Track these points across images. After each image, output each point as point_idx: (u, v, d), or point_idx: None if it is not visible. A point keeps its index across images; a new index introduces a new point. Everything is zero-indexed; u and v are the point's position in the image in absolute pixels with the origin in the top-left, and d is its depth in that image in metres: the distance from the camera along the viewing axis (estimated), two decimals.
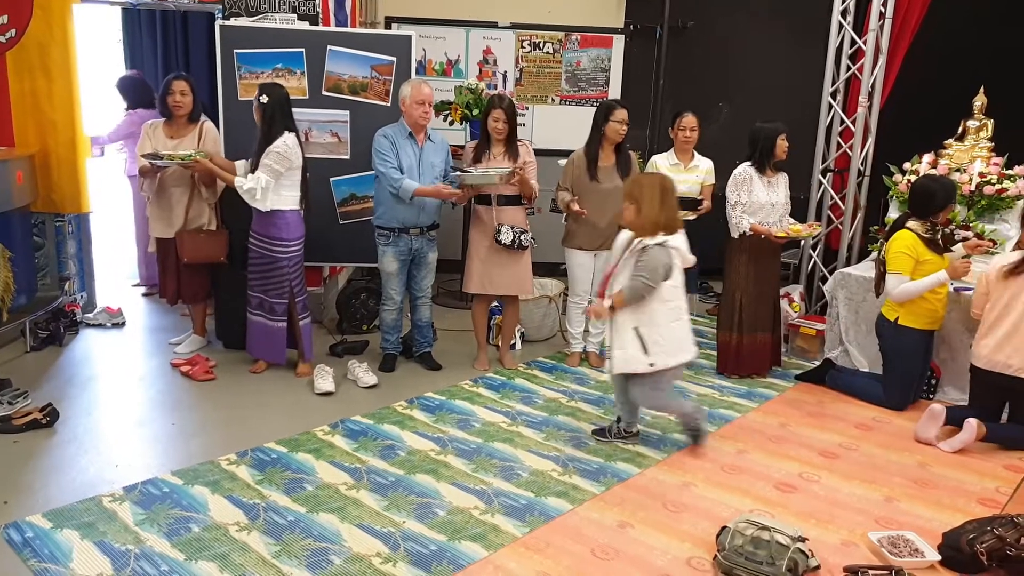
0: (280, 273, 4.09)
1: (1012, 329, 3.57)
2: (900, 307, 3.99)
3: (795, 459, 3.52)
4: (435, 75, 6.20)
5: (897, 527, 2.93)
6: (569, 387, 4.32)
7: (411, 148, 4.17)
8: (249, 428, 3.60)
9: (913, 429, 3.81)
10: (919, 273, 3.92)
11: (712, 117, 6.59)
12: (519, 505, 3.00)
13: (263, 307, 4.16)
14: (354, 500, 2.99)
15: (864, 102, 5.27)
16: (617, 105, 4.30)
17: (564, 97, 6.32)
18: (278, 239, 4.06)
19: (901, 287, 3.92)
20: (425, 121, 4.14)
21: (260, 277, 4.12)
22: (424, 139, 4.20)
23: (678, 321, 3.37)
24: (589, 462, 3.40)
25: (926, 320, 3.98)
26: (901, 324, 4.00)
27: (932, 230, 3.99)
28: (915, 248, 3.92)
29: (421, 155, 4.18)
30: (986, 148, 4.67)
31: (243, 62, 4.73)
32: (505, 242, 4.20)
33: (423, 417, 3.82)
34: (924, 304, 3.95)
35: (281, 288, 4.11)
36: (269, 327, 4.19)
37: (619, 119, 4.26)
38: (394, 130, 4.17)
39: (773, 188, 4.35)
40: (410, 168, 4.14)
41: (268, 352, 4.26)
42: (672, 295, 3.34)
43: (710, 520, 2.91)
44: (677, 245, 3.32)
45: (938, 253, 3.97)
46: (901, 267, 3.93)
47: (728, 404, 4.15)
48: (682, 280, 3.38)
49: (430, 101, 4.13)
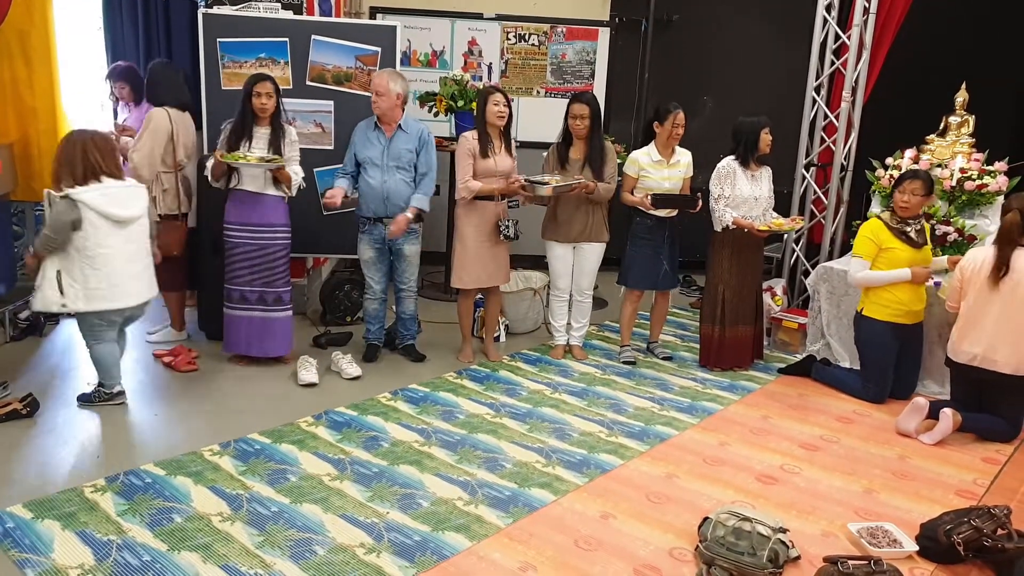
0: (283, 261, 4.11)
1: (990, 325, 3.62)
2: (865, 297, 4.07)
3: (776, 451, 3.55)
4: (420, 66, 6.18)
5: (876, 518, 2.97)
6: (553, 379, 4.33)
7: (376, 139, 4.16)
8: (232, 419, 3.58)
9: (894, 422, 3.86)
10: (882, 260, 4.02)
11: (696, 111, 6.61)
12: (503, 496, 3.01)
13: (264, 300, 4.11)
14: (338, 491, 2.99)
15: (848, 97, 5.31)
16: (575, 100, 4.30)
17: (549, 89, 6.32)
18: (282, 226, 4.10)
19: (863, 273, 4.03)
20: (379, 111, 4.11)
21: (262, 269, 4.08)
22: (394, 129, 4.17)
23: (103, 269, 3.40)
24: (573, 453, 3.42)
25: (890, 312, 4.02)
26: (865, 315, 4.08)
27: (900, 220, 4.04)
28: (877, 234, 4.02)
29: (389, 145, 4.16)
30: (967, 144, 4.72)
31: (226, 51, 4.69)
32: (510, 235, 4.27)
33: (407, 408, 3.82)
34: (886, 295, 4.01)
35: (285, 275, 4.14)
36: (273, 320, 4.15)
37: (575, 114, 4.26)
38: (364, 122, 4.21)
39: (756, 182, 4.38)
40: (372, 159, 4.15)
41: (274, 345, 4.19)
42: (94, 245, 3.37)
43: (692, 511, 2.94)
44: (87, 199, 3.33)
45: (911, 245, 4.01)
46: (862, 251, 4.05)
47: (711, 396, 4.18)
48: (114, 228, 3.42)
49: (378, 90, 4.07)
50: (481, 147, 4.20)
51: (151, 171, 4.26)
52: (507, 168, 4.24)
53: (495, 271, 4.38)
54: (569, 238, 4.43)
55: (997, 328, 3.61)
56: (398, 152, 4.17)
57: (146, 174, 4.25)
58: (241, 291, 4.11)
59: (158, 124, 4.25)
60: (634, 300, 4.66)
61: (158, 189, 4.30)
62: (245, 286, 4.10)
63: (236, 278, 4.10)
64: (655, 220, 4.43)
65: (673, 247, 4.52)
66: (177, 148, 4.31)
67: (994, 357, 3.62)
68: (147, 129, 4.24)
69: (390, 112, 4.12)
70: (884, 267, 4.01)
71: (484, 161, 4.20)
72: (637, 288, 4.60)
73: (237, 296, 4.12)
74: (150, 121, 4.25)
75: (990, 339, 3.63)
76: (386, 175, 4.15)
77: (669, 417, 3.87)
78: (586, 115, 4.24)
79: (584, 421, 3.77)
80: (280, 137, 4.03)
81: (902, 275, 3.97)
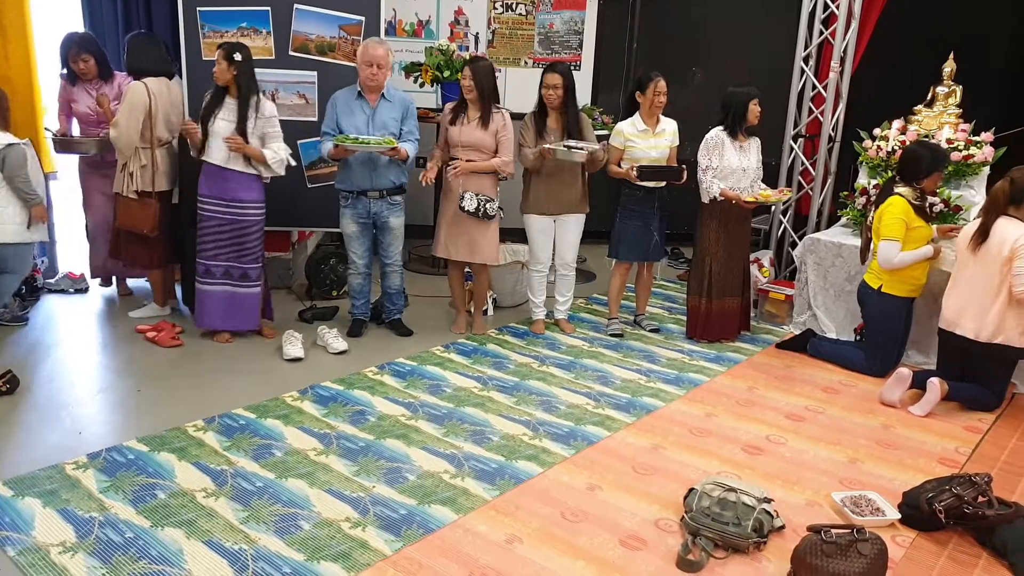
0: (254, 237, 4.04)
1: (968, 295, 3.63)
2: (885, 274, 4.01)
3: (762, 422, 3.56)
4: (406, 36, 6.07)
5: (860, 487, 2.98)
6: (540, 352, 4.31)
7: (361, 108, 4.08)
8: (217, 394, 3.55)
9: (878, 392, 3.87)
10: (909, 239, 3.95)
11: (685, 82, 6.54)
12: (489, 469, 3.00)
13: (231, 275, 4.07)
14: (323, 465, 2.97)
15: (836, 67, 5.25)
16: (548, 69, 4.24)
17: (537, 60, 6.23)
18: (253, 202, 4.02)
19: (901, 255, 3.92)
20: (373, 82, 4.03)
21: (230, 244, 4.03)
22: (377, 99, 4.10)
23: None
24: (559, 426, 3.41)
25: (909, 288, 4.02)
26: (885, 292, 4.03)
27: (921, 196, 4.01)
28: (908, 214, 3.93)
29: (373, 115, 4.09)
30: (954, 115, 4.69)
31: (206, 20, 4.58)
32: (468, 209, 4.14)
33: (393, 383, 3.79)
34: (908, 272, 3.98)
35: (256, 252, 4.07)
36: (241, 295, 4.11)
37: (547, 84, 4.20)
38: (345, 91, 4.11)
39: (745, 153, 4.34)
40: (358, 128, 4.06)
41: (241, 320, 4.17)
42: None
43: (678, 482, 2.94)
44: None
45: (926, 220, 4.00)
46: (896, 233, 3.93)
47: (697, 368, 4.18)
48: None
49: (380, 62, 3.98)
50: (453, 116, 4.20)
51: (129, 146, 4.17)
52: (471, 140, 4.16)
53: (471, 247, 4.30)
54: (552, 210, 4.39)
55: (969, 295, 3.63)
56: (384, 121, 4.11)
57: (124, 149, 4.16)
58: (207, 264, 4.05)
59: (135, 98, 4.14)
60: (623, 272, 4.64)
61: (136, 165, 4.21)
62: (211, 260, 4.04)
63: (203, 251, 4.05)
64: (644, 191, 4.39)
65: (662, 218, 4.49)
66: (156, 123, 4.21)
67: (965, 323, 3.64)
68: (125, 103, 4.14)
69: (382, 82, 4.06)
70: (911, 245, 3.94)
71: (451, 129, 4.21)
72: (628, 260, 4.57)
73: (203, 270, 4.06)
74: (127, 95, 4.15)
75: (964, 306, 3.66)
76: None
77: (656, 389, 3.87)
78: (559, 84, 4.18)
79: (571, 393, 3.76)
80: (247, 108, 3.90)
81: (928, 253, 3.95)
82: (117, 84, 4.60)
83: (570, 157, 4.15)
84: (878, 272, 4.04)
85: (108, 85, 4.61)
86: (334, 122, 4.09)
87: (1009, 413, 3.78)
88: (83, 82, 4.57)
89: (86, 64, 4.49)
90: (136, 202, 4.21)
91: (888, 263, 3.96)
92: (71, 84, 4.60)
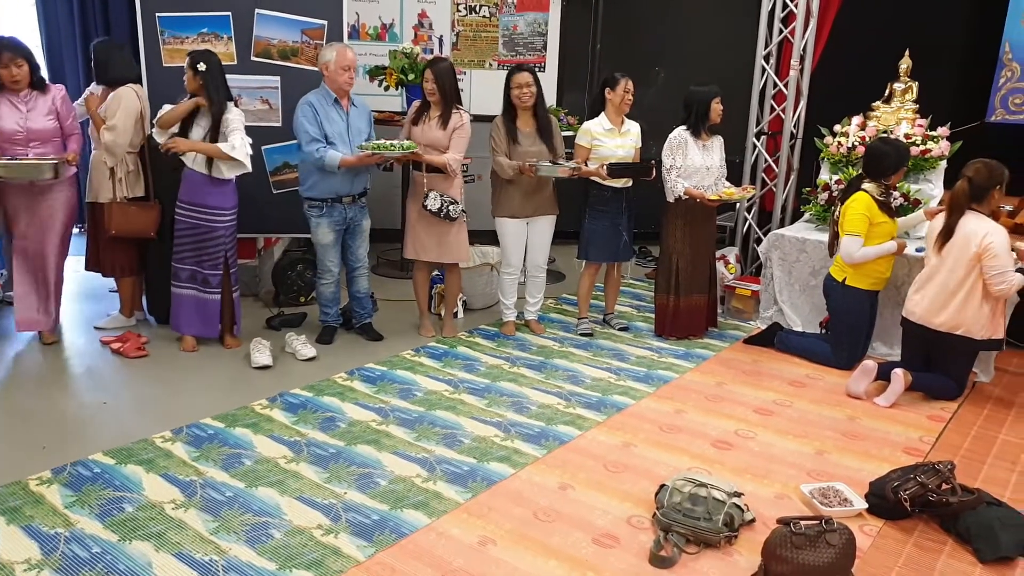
0: (216, 243, 3.99)
1: (938, 287, 3.71)
2: (849, 268, 4.08)
3: (731, 417, 3.59)
4: (369, 39, 6.03)
5: (828, 479, 3.02)
6: (511, 353, 4.32)
7: (337, 114, 4.06)
8: (184, 404, 3.50)
9: (844, 385, 3.93)
10: (873, 235, 4.02)
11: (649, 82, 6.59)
12: (461, 471, 3.00)
13: (195, 279, 4.04)
14: (294, 473, 2.94)
15: (796, 65, 5.34)
16: (516, 70, 4.26)
17: (502, 62, 6.23)
18: (218, 208, 3.96)
19: (862, 251, 4.00)
20: (350, 87, 4.03)
21: (193, 248, 3.99)
22: (348, 104, 4.10)
23: None
24: (531, 426, 3.41)
25: (872, 281, 4.09)
26: (849, 285, 4.10)
27: (886, 192, 4.08)
28: (871, 210, 4.00)
29: (348, 120, 4.08)
30: (911, 110, 4.79)
31: (166, 26, 4.52)
32: (431, 208, 4.14)
33: (364, 388, 3.77)
34: (873, 266, 4.05)
35: (216, 259, 4.01)
36: (202, 300, 4.08)
37: (519, 83, 4.21)
38: (317, 97, 4.05)
39: (708, 151, 4.38)
40: (340, 135, 4.04)
41: (200, 326, 4.14)
42: None
43: (649, 479, 2.96)
44: None
45: (890, 216, 4.07)
46: (858, 228, 4.00)
47: (666, 365, 4.21)
48: None
49: (355, 66, 4.02)
50: (416, 116, 4.22)
51: (123, 150, 4.11)
52: (430, 139, 4.15)
53: (442, 248, 4.31)
54: (525, 212, 4.40)
55: (935, 288, 3.72)
56: (359, 127, 4.13)
57: (119, 154, 4.10)
58: (176, 268, 4.05)
59: (129, 103, 4.11)
60: (592, 272, 4.66)
61: (123, 171, 4.15)
62: (180, 263, 4.04)
63: (175, 255, 4.03)
64: (611, 191, 4.42)
65: (630, 218, 4.52)
66: (145, 126, 4.18)
67: (930, 316, 3.73)
68: (120, 108, 4.07)
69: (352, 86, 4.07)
70: (873, 241, 4.01)
71: (414, 129, 4.22)
72: (598, 261, 4.59)
73: (173, 272, 4.06)
74: (120, 99, 4.09)
75: (930, 299, 3.73)
76: (353, 151, 4.06)
77: (626, 387, 3.89)
78: (530, 83, 4.20)
79: (542, 394, 3.77)
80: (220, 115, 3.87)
81: (891, 248, 4.02)
82: (52, 98, 3.97)
83: (553, 173, 4.19)
84: (842, 265, 4.11)
85: (42, 97, 3.95)
86: (320, 126, 4.01)
87: (971, 401, 3.86)
88: (9, 93, 3.87)
89: (19, 70, 3.83)
90: (135, 207, 4.15)
91: (850, 258, 4.04)
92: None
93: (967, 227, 3.62)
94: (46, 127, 3.94)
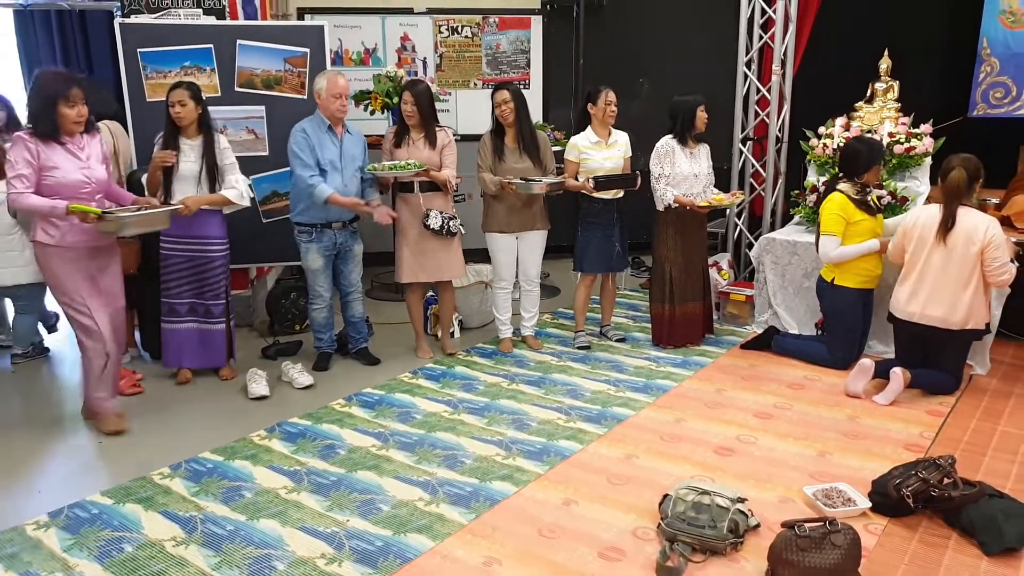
0: (217, 272, 4.02)
1: (931, 282, 3.72)
2: (835, 268, 4.10)
3: (732, 423, 3.60)
4: (353, 65, 6.07)
5: (830, 480, 3.02)
6: (510, 371, 4.32)
7: (331, 142, 4.08)
8: (181, 439, 3.48)
9: (843, 384, 3.94)
10: (852, 233, 4.04)
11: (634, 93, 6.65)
12: (464, 493, 2.99)
13: (196, 312, 4.04)
14: (295, 503, 2.93)
15: (778, 70, 5.39)
16: (497, 89, 4.31)
17: (486, 80, 6.28)
18: (216, 238, 3.99)
19: (838, 251, 4.03)
20: (342, 114, 4.07)
21: (192, 281, 4.00)
22: (343, 131, 4.13)
23: None
24: (532, 443, 3.41)
25: (861, 279, 4.10)
26: (837, 284, 4.12)
27: (862, 191, 4.11)
28: (845, 209, 4.03)
29: (342, 148, 4.11)
30: (894, 108, 4.82)
31: (148, 61, 4.55)
32: (434, 227, 4.17)
33: (362, 413, 3.76)
34: (858, 264, 4.07)
35: (218, 288, 4.04)
36: (207, 331, 4.09)
37: (497, 102, 4.26)
38: (312, 125, 4.07)
39: (695, 159, 4.41)
40: (332, 162, 4.07)
41: (205, 358, 4.13)
42: None
43: (652, 490, 2.95)
44: None
45: (870, 213, 4.10)
46: (833, 228, 4.04)
47: (664, 374, 4.21)
48: None
49: (347, 93, 4.06)
50: (397, 139, 4.24)
51: None
52: (422, 160, 4.17)
53: (440, 265, 4.34)
54: (513, 228, 4.42)
55: (937, 283, 3.71)
56: (352, 154, 4.15)
57: None
58: (172, 303, 4.02)
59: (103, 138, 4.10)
60: (588, 285, 4.67)
61: None
62: (175, 298, 4.01)
63: (167, 290, 4.02)
64: (602, 203, 4.44)
65: (622, 228, 4.54)
66: (120, 163, 4.18)
67: (932, 312, 3.72)
68: None
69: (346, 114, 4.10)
70: (852, 239, 4.04)
71: (398, 152, 4.23)
72: (594, 272, 4.61)
73: (167, 309, 4.04)
74: None
75: (929, 294, 3.73)
76: (346, 178, 4.10)
77: (625, 398, 3.89)
78: (508, 99, 4.24)
79: (542, 409, 3.77)
80: (213, 145, 3.90)
81: (873, 247, 4.04)
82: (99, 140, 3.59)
83: (528, 190, 4.22)
84: (831, 266, 4.13)
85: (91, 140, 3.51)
86: (314, 155, 4.02)
87: (968, 394, 3.87)
88: (66, 137, 3.38)
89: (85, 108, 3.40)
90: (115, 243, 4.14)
91: (827, 257, 4.08)
92: None
93: (966, 221, 3.64)
94: (103, 175, 3.49)
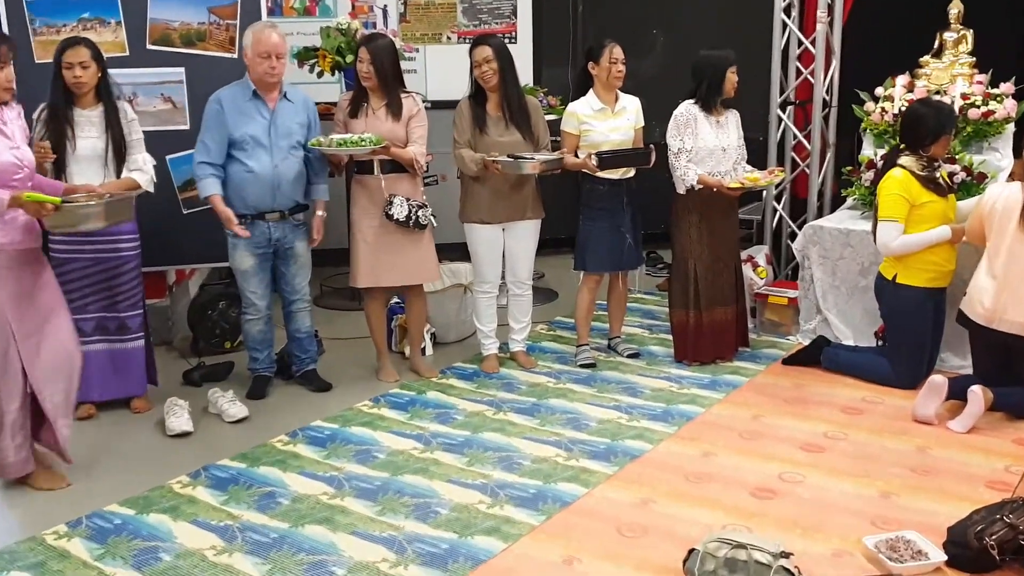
0: (131, 276, 4.03)
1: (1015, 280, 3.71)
2: (897, 262, 4.11)
3: (773, 457, 3.60)
4: (295, 16, 6.08)
5: (896, 527, 3.02)
6: (495, 395, 4.32)
7: (258, 113, 4.07)
8: (82, 490, 3.46)
9: (910, 408, 3.95)
10: (917, 217, 4.05)
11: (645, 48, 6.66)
12: (439, 551, 2.97)
13: (106, 329, 4.04)
14: (225, 567, 2.90)
15: (824, 17, 5.40)
16: (476, 43, 4.33)
17: (462, 34, 6.29)
18: (126, 233, 3.96)
19: (901, 240, 4.04)
20: (272, 78, 4.04)
21: (101, 290, 3.99)
22: (277, 99, 4.11)
23: None
24: (524, 487, 3.40)
25: (930, 276, 4.11)
26: (901, 283, 4.12)
27: (929, 166, 4.12)
28: (908, 188, 4.04)
29: (273, 120, 4.08)
30: (967, 64, 4.85)
31: (37, 13, 4.52)
32: (398, 217, 4.16)
33: (310, 453, 3.75)
34: (924, 256, 4.08)
35: (134, 297, 4.06)
36: (121, 351, 4.08)
37: (477, 60, 4.26)
38: (232, 92, 4.07)
39: (723, 129, 4.42)
40: (256, 138, 4.05)
41: (121, 386, 4.12)
42: None
43: (674, 542, 2.94)
44: None
45: (939, 194, 4.10)
46: (895, 212, 4.04)
47: (689, 398, 4.22)
48: None
49: (278, 52, 3.99)
50: (353, 108, 4.23)
51: None
52: (384, 134, 4.15)
53: (407, 266, 4.33)
54: (498, 217, 4.41)
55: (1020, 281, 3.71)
56: (288, 128, 4.12)
57: None
58: (77, 322, 3.92)
59: None
60: (592, 287, 4.68)
61: None
62: (78, 313, 3.92)
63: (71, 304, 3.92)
64: (608, 185, 4.45)
65: (634, 216, 4.55)
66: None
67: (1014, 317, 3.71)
68: None
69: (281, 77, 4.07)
70: (919, 226, 4.04)
71: (354, 123, 4.23)
72: (599, 271, 4.62)
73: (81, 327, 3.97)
74: None
75: (1011, 295, 3.72)
76: (276, 158, 4.07)
77: (640, 428, 3.90)
78: (490, 57, 4.24)
79: (536, 444, 3.77)
80: (119, 116, 3.89)
81: (943, 235, 4.04)
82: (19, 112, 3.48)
83: (518, 170, 4.21)
84: (891, 259, 4.14)
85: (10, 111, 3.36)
86: (222, 135, 4.01)
87: None
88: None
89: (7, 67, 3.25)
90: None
91: (887, 248, 4.09)
92: None
93: None
94: (32, 157, 3.41)
